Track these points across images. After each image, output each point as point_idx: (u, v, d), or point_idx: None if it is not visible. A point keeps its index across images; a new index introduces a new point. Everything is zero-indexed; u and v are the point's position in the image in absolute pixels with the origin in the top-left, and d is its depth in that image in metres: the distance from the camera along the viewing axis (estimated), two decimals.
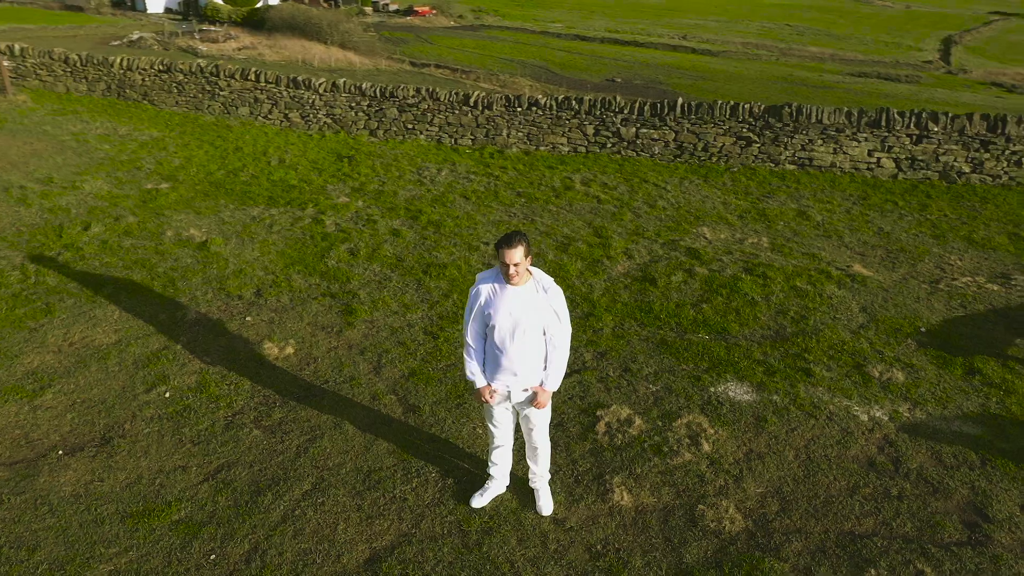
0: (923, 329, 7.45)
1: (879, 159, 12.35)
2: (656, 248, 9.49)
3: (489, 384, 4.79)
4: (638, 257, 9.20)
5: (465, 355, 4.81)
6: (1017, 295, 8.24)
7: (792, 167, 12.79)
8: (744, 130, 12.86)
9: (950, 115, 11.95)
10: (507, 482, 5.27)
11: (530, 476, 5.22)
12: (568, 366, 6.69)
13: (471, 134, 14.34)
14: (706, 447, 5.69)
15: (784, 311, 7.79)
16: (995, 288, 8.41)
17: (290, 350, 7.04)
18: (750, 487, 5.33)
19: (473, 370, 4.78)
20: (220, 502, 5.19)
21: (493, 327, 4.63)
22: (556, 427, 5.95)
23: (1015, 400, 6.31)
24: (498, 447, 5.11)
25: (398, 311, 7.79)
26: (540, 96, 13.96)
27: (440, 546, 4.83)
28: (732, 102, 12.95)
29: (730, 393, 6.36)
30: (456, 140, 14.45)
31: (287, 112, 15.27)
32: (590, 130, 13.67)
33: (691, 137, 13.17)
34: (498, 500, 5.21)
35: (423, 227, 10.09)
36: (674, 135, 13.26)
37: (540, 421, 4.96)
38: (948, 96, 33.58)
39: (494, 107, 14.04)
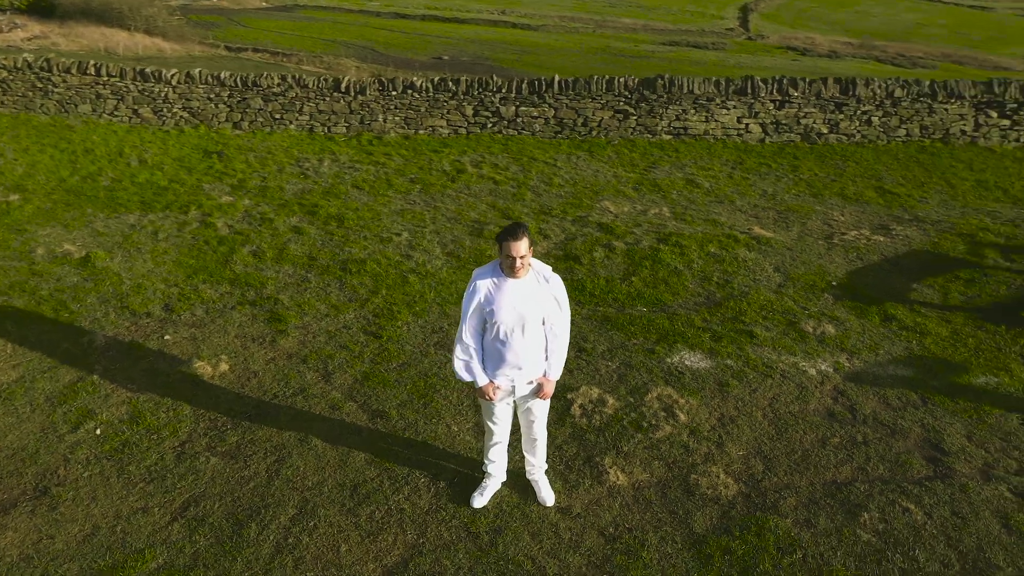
0: (834, 283, 7.99)
1: (747, 125, 13.06)
2: (568, 226, 9.56)
3: (491, 381, 4.65)
4: (554, 236, 9.24)
5: (463, 355, 4.63)
6: (901, 244, 9.00)
7: (668, 137, 13.28)
8: (621, 103, 13.18)
9: (807, 80, 12.81)
10: (504, 478, 5.17)
11: (528, 469, 5.15)
12: None
13: (345, 121, 13.81)
14: (682, 417, 5.83)
15: (707, 277, 8.10)
16: (881, 239, 9.14)
17: (224, 366, 6.53)
18: (732, 451, 5.52)
19: (475, 369, 4.63)
20: (199, 542, 4.75)
21: (495, 323, 4.49)
22: (605, 416, 5.88)
23: (931, 340, 6.91)
24: (496, 444, 4.99)
25: (328, 313, 7.41)
26: (416, 78, 13.64)
27: (454, 552, 4.67)
28: (608, 77, 13.22)
29: (686, 362, 6.55)
30: (329, 128, 13.87)
31: (136, 107, 14.04)
32: (469, 111, 13.53)
33: (571, 113, 13.35)
34: (498, 497, 5.10)
35: (324, 222, 9.63)
36: (554, 112, 13.38)
37: (542, 412, 4.89)
38: (751, 61, 35.87)
39: (368, 92, 13.58)
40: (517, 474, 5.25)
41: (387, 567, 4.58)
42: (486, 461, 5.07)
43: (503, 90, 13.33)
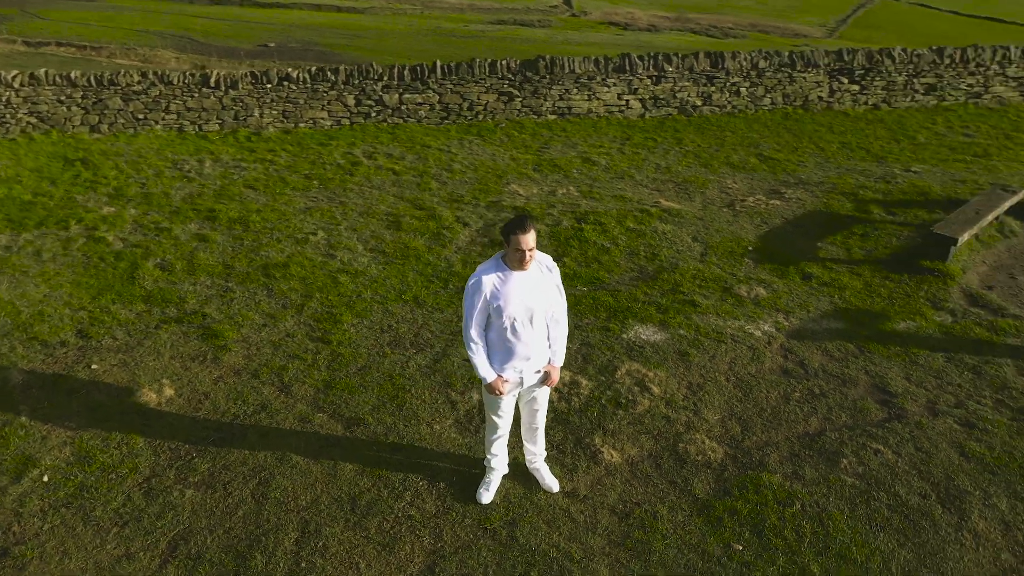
0: (750, 248, 8.46)
1: (628, 101, 13.49)
2: (483, 211, 9.54)
3: (500, 376, 4.62)
4: (473, 223, 9.20)
5: (471, 353, 4.57)
6: (796, 206, 9.65)
7: (554, 117, 13.48)
8: (505, 86, 13.24)
9: (680, 55, 13.38)
10: (507, 471, 5.16)
11: (529, 458, 5.16)
12: None
13: (217, 118, 13.03)
14: (656, 390, 6.02)
15: (635, 252, 8.35)
16: (777, 203, 9.76)
17: (170, 391, 6.07)
18: (709, 416, 5.77)
19: (483, 364, 4.57)
20: None
21: (504, 317, 4.45)
22: (571, 398, 5.88)
23: (850, 293, 7.48)
24: (499, 437, 4.96)
25: (266, 323, 7.04)
26: (291, 69, 13.05)
27: (477, 551, 4.63)
28: (491, 60, 13.23)
29: (642, 336, 6.75)
30: (201, 127, 13.04)
31: None
32: (351, 101, 13.13)
33: (455, 98, 13.26)
34: (502, 490, 5.09)
35: (228, 227, 9.10)
36: (438, 97, 13.24)
37: (545, 400, 4.92)
38: (579, 37, 36.91)
39: (240, 86, 12.87)
40: (513, 465, 5.24)
41: None
42: (489, 456, 5.03)
43: (385, 78, 13.03)
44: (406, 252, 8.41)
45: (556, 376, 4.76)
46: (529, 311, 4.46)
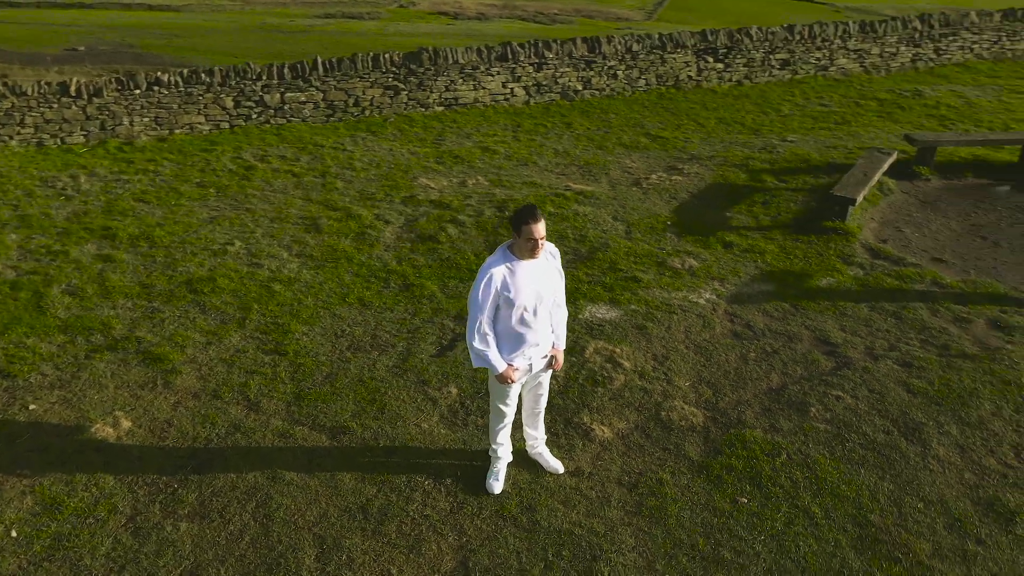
0: (668, 223, 8.87)
1: (512, 89, 13.68)
2: (402, 208, 9.44)
3: (510, 365, 4.67)
4: (395, 220, 9.09)
5: (482, 345, 4.58)
6: (697, 180, 10.19)
7: (441, 108, 13.47)
8: (390, 80, 13.07)
9: (559, 41, 13.71)
10: (511, 459, 5.21)
11: (531, 443, 5.24)
12: (440, 340, 6.63)
13: (82, 129, 12.07)
14: (627, 364, 6.25)
15: (564, 235, 8.56)
16: (679, 178, 10.27)
17: (127, 423, 5.67)
18: (681, 384, 6.07)
19: (495, 356, 4.60)
20: None
21: (515, 307, 4.50)
22: (485, 396, 5.94)
23: (770, 257, 8.04)
24: (505, 426, 5.01)
25: (210, 341, 6.69)
26: (161, 73, 12.27)
27: (504, 540, 4.67)
28: (373, 53, 13.01)
29: (598, 315, 6.97)
30: (63, 139, 12.04)
31: None
32: (229, 103, 12.54)
33: (340, 94, 12.95)
34: (509, 478, 5.14)
35: (132, 244, 8.51)
36: (322, 95, 12.89)
37: (547, 384, 5.01)
38: (410, 28, 36.80)
39: (105, 93, 11.98)
40: (514, 452, 5.30)
41: (450, 574, 4.45)
42: (495, 445, 5.07)
43: (264, 77, 12.53)
44: (335, 254, 8.20)
45: (562, 359, 4.87)
46: (538, 298, 4.54)
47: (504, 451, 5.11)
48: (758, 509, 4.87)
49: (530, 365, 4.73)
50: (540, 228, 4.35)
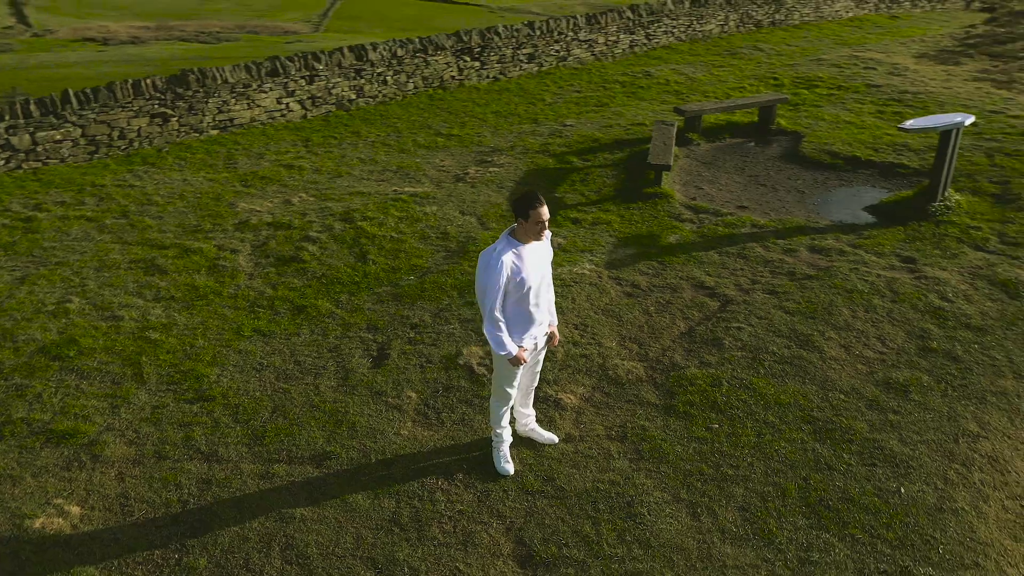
0: (510, 210, 9.41)
1: (288, 104, 13.31)
2: (240, 235, 8.95)
3: (521, 347, 4.91)
4: (242, 248, 8.61)
5: (498, 332, 4.78)
6: (513, 169, 10.84)
7: (217, 132, 12.73)
8: (156, 106, 12.09)
9: (327, 52, 13.58)
10: (512, 439, 5.44)
11: (524, 422, 5.52)
12: (368, 351, 6.61)
13: None
14: (558, 337, 6.69)
15: (426, 236, 8.74)
16: (497, 170, 10.85)
17: (76, 508, 5.00)
18: (609, 343, 6.67)
19: (508, 340, 4.81)
20: None
21: (524, 289, 4.75)
22: (448, 391, 6.09)
23: (618, 226, 8.91)
24: (508, 408, 5.24)
25: (115, 403, 6.01)
26: None
27: (543, 512, 4.94)
28: (132, 80, 11.91)
29: None
30: None
31: None
32: None
33: (102, 128, 11.72)
34: (513, 457, 5.38)
35: None
36: (81, 130, 11.56)
37: (542, 360, 5.32)
38: (55, 58, 33.65)
39: None
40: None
41: (513, 556, 4.63)
42: (500, 429, 5.27)
43: (7, 116, 10.95)
44: (197, 292, 7.64)
45: (558, 334, 5.20)
46: (541, 279, 4.85)
47: (507, 433, 5.33)
48: (731, 430, 5.62)
49: (535, 344, 5.01)
50: (546, 210, 4.65)
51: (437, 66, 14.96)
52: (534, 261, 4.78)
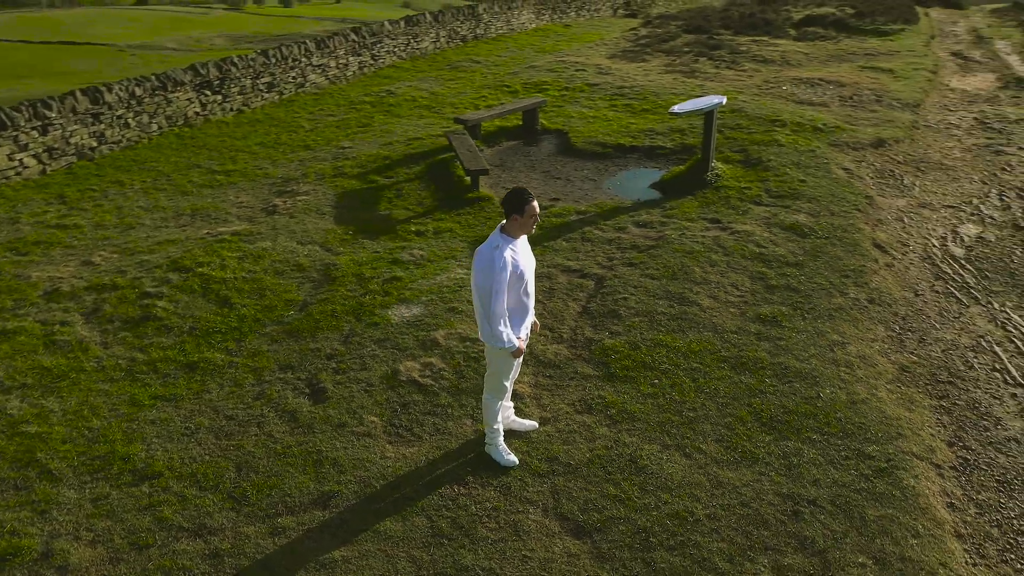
0: (350, 232, 9.36)
1: (22, 160, 11.64)
2: (65, 304, 7.86)
3: (520, 338, 5.20)
4: (74, 319, 7.59)
5: (502, 327, 5.01)
6: (322, 196, 10.67)
7: None
8: None
9: (59, 97, 12.08)
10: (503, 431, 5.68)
11: (507, 415, 5.78)
12: (298, 389, 6.41)
13: None
14: (470, 334, 6.96)
15: (282, 272, 8.39)
16: (305, 198, 10.59)
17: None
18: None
19: (511, 334, 5.07)
20: None
21: (523, 281, 5.07)
22: (406, 407, 6.13)
23: (459, 231, 9.29)
24: (502, 402, 5.49)
25: (44, 508, 5.18)
26: None
27: (568, 490, 5.28)
28: None
29: (407, 315, 7.38)
30: None
31: None
32: None
33: None
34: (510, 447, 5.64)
35: None
36: None
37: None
38: None
39: None
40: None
41: (566, 532, 4.94)
42: (496, 425, 5.49)
43: None
44: (57, 372, 6.69)
45: (538, 321, 5.55)
46: (532, 270, 5.18)
47: (501, 427, 5.55)
48: (671, 381, 6.38)
49: (527, 335, 5.33)
50: (537, 204, 5.00)
51: (179, 103, 14.01)
52: (526, 254, 5.10)
